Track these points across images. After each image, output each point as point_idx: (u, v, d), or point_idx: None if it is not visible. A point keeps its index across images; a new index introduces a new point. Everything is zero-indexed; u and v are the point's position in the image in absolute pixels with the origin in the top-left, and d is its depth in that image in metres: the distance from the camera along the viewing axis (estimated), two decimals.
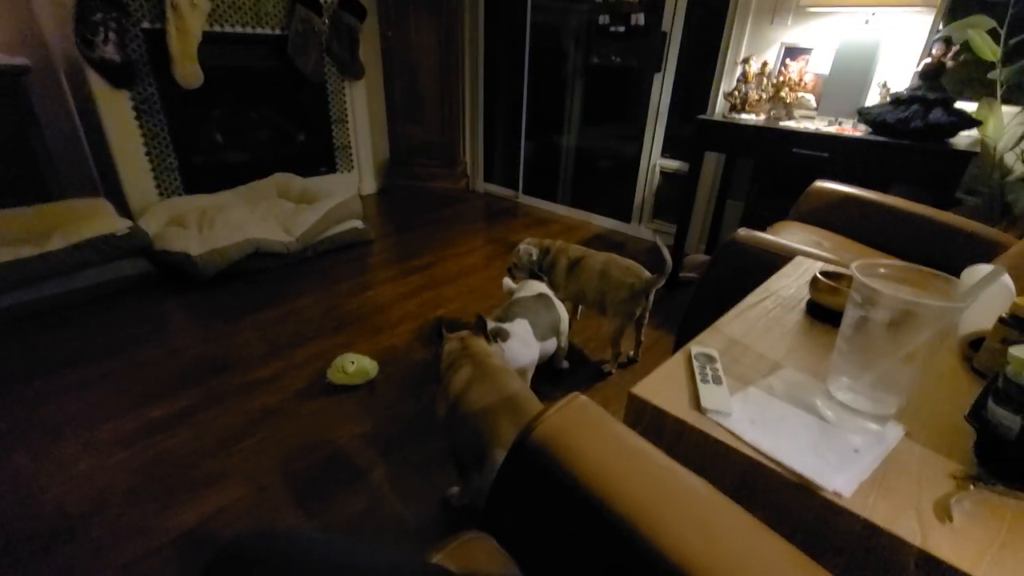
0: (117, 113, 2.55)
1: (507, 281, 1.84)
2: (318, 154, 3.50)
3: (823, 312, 0.88)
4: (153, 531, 1.19)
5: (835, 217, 1.87)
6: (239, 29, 2.84)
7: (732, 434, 0.59)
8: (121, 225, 2.24)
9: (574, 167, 3.55)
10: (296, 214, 2.69)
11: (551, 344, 1.64)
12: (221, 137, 3.08)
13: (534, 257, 1.89)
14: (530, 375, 1.52)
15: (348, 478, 1.36)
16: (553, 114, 3.50)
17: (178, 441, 1.46)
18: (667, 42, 2.75)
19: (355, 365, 1.71)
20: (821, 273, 0.89)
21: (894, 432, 0.61)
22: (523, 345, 1.47)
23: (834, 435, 0.61)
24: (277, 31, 2.99)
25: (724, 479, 0.58)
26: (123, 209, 2.64)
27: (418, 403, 1.65)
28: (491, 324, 1.50)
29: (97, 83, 2.43)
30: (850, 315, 0.60)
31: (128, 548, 1.15)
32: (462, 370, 1.21)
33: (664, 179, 3.07)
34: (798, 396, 0.67)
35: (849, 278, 0.90)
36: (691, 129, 2.74)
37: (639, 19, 2.84)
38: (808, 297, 0.93)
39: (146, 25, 2.50)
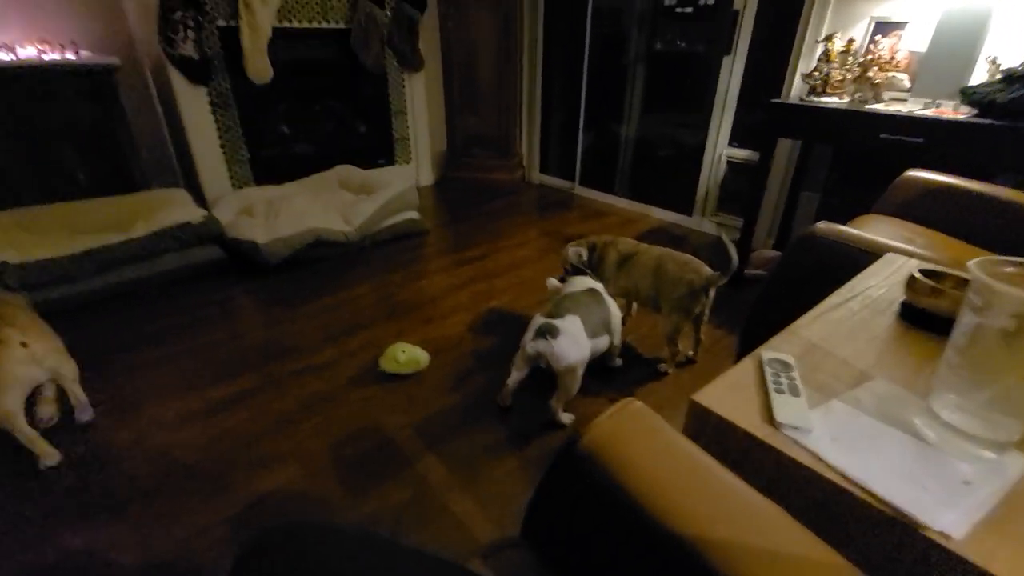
0: (195, 108, 2.70)
1: (552, 281, 1.78)
2: (378, 146, 3.57)
3: (920, 316, 0.77)
4: (211, 507, 1.25)
5: (929, 211, 1.68)
6: (306, 24, 2.93)
7: (812, 454, 0.51)
8: (197, 214, 2.37)
9: (633, 158, 3.42)
10: (356, 204, 2.75)
11: (603, 341, 1.57)
12: (288, 129, 3.20)
13: (583, 258, 1.82)
14: (580, 373, 1.46)
15: (395, 467, 1.37)
16: (612, 103, 3.38)
17: (237, 422, 1.52)
18: (739, 22, 2.57)
19: (406, 355, 1.72)
20: (920, 272, 0.77)
21: (1015, 463, 0.51)
22: (573, 343, 1.42)
23: (937, 461, 0.52)
24: (341, 24, 3.06)
25: (800, 506, 0.51)
26: (199, 199, 2.80)
27: (467, 396, 1.63)
28: (540, 320, 1.46)
29: (178, 80, 2.59)
30: (965, 321, 0.51)
31: (187, 521, 1.21)
32: None
33: (731, 169, 2.89)
34: (892, 412, 0.58)
35: (954, 278, 0.78)
36: (762, 116, 2.56)
37: None
38: (902, 299, 0.81)
39: (221, 23, 2.62)
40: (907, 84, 1.99)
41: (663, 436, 0.54)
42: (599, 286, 1.67)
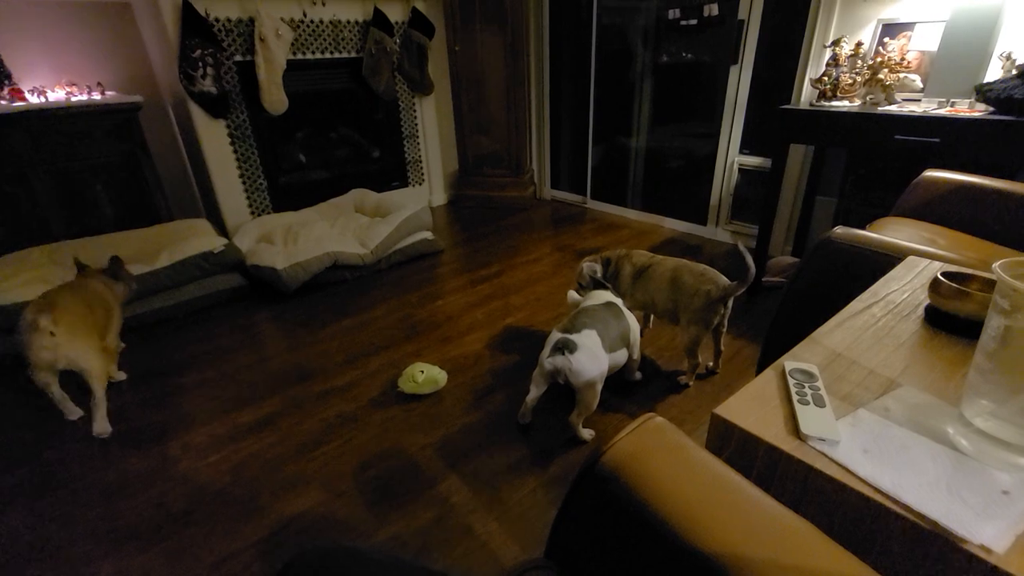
0: (215, 140, 2.79)
1: (572, 293, 1.78)
2: (391, 169, 3.64)
3: (947, 320, 0.75)
4: (239, 532, 1.26)
5: (950, 210, 1.64)
6: (319, 55, 3.02)
7: (841, 467, 0.50)
8: (218, 243, 2.43)
9: (644, 169, 3.43)
10: (371, 227, 2.80)
11: (621, 355, 1.56)
12: (304, 157, 3.29)
13: (598, 274, 1.82)
14: (599, 388, 1.45)
15: (418, 488, 1.36)
16: (621, 116, 3.40)
17: (263, 446, 1.54)
18: (744, 31, 2.58)
19: (425, 374, 1.73)
20: (943, 274, 0.76)
21: None
22: (591, 357, 1.41)
23: (973, 471, 0.50)
24: (352, 54, 3.15)
25: (831, 521, 0.50)
26: (220, 228, 2.88)
27: (487, 414, 1.63)
28: (557, 335, 1.45)
29: (198, 114, 2.68)
30: (993, 325, 0.50)
31: (217, 547, 1.22)
32: None
33: (743, 177, 2.88)
34: (922, 421, 0.57)
35: (980, 280, 0.76)
36: (773, 122, 2.55)
37: (712, 9, 2.68)
38: (927, 303, 0.80)
39: (238, 58, 2.72)
40: (919, 84, 1.97)
41: (686, 452, 0.53)
42: (617, 300, 1.67)
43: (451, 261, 2.89)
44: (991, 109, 1.71)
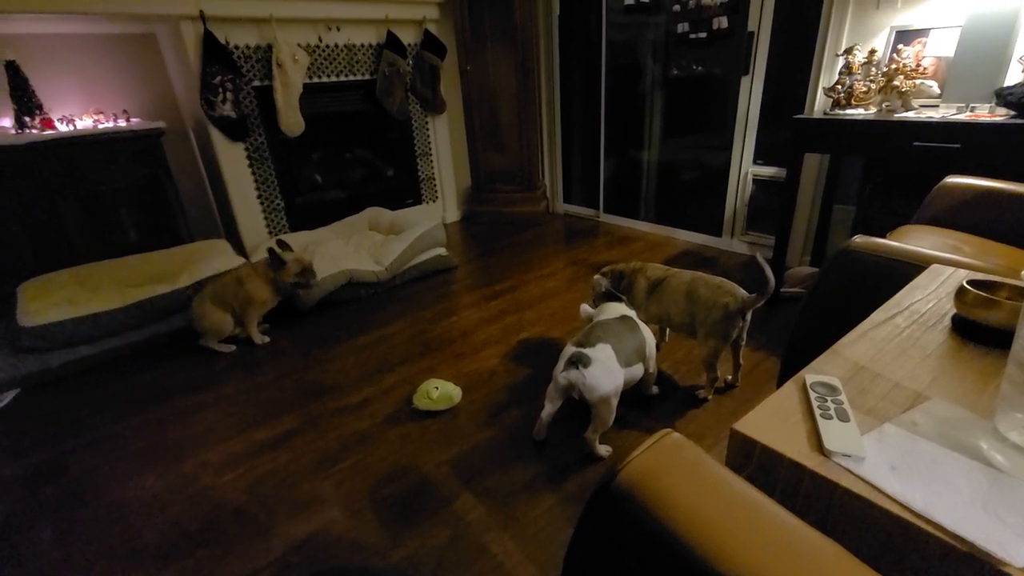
0: (234, 162, 2.86)
1: (585, 307, 1.77)
2: (405, 187, 3.69)
3: (975, 330, 0.72)
4: (254, 552, 1.25)
5: (974, 217, 1.60)
6: (334, 78, 3.10)
7: (868, 484, 0.48)
8: (236, 263, 2.48)
9: (657, 182, 3.42)
10: (385, 245, 2.83)
11: (637, 369, 1.53)
12: (320, 177, 3.35)
13: (603, 287, 1.80)
14: (615, 403, 1.43)
15: (433, 507, 1.35)
16: (632, 130, 3.41)
17: (279, 464, 1.54)
18: (754, 43, 2.58)
19: (439, 391, 1.72)
20: (969, 282, 0.73)
21: None
22: (606, 372, 1.39)
23: (1010, 488, 0.48)
24: (366, 76, 3.22)
25: (859, 542, 0.48)
26: (239, 247, 2.93)
27: (502, 430, 1.62)
28: (572, 350, 1.44)
29: (218, 138, 2.75)
30: None
31: (232, 567, 1.22)
32: None
33: (758, 187, 2.85)
34: (953, 436, 0.54)
35: (1008, 287, 0.74)
36: (786, 132, 2.53)
37: (721, 22, 2.69)
38: (953, 312, 0.77)
39: (256, 83, 2.80)
40: (936, 90, 1.94)
41: (704, 469, 0.51)
42: (631, 312, 1.65)
43: (465, 277, 2.90)
44: (1012, 113, 1.67)
